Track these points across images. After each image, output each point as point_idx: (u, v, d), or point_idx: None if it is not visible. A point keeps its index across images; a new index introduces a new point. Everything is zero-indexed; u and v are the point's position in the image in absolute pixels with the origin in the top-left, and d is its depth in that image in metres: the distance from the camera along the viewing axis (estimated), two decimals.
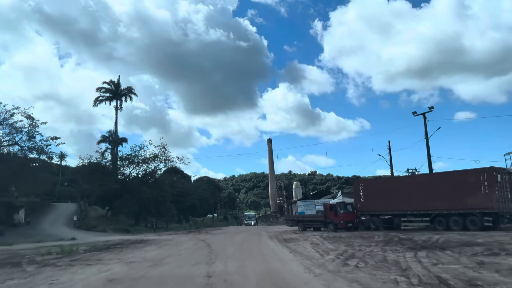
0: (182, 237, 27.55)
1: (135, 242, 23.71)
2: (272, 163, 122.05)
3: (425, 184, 27.46)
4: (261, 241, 20.29)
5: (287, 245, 16.95)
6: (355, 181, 32.26)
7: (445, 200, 26.20)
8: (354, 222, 30.33)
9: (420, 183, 27.78)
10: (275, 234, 27.53)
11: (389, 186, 29.61)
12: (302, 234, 27.12)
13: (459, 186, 25.60)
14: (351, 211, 30.42)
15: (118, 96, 65.42)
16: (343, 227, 29.58)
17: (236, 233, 32.61)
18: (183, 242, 21.40)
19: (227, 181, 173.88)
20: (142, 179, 54.16)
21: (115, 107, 65.13)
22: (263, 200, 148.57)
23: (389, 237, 20.07)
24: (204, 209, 74.78)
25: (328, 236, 23.01)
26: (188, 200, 63.42)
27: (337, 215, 29.79)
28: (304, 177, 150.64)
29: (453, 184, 25.93)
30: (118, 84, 65.50)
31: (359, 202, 31.42)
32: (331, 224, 30.25)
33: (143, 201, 49.80)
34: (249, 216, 75.26)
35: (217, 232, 35.55)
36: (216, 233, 32.00)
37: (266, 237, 24.11)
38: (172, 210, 53.20)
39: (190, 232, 39.61)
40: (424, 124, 32.03)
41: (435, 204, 26.72)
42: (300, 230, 32.88)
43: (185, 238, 25.33)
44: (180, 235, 30.76)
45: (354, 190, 32.10)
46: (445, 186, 26.26)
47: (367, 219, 31.48)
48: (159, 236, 30.85)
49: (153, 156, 53.97)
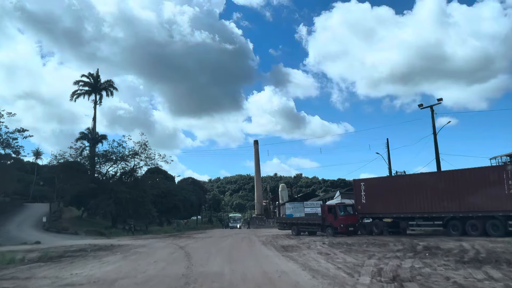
0: (159, 242, 23.20)
1: (101, 248, 19.33)
2: (258, 165, 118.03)
3: (438, 183, 23.79)
4: (255, 249, 16.18)
5: (291, 256, 12.91)
6: (355, 181, 28.47)
7: (460, 202, 22.60)
8: (355, 226, 26.48)
9: (432, 182, 24.08)
10: (267, 239, 23.47)
11: (395, 185, 25.85)
12: (299, 239, 23.09)
13: (478, 185, 22.03)
14: (352, 213, 26.58)
15: (98, 90, 60.53)
16: (343, 232, 25.70)
17: (222, 237, 28.40)
18: (158, 249, 17.11)
19: (212, 183, 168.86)
20: (120, 178, 49.35)
21: (94, 101, 60.29)
22: (249, 202, 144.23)
23: (410, 245, 16.21)
24: (188, 211, 70.02)
25: (332, 243, 19.06)
26: (170, 201, 58.70)
27: (336, 218, 25.89)
28: (289, 180, 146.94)
29: (471, 183, 22.35)
30: (98, 77, 60.58)
31: (360, 203, 27.62)
32: (329, 227, 26.34)
33: (121, 201, 45.02)
34: (234, 218, 70.84)
35: (200, 236, 31.25)
36: (199, 238, 27.75)
37: (258, 243, 20.05)
38: (152, 211, 48.41)
39: (171, 235, 35.24)
40: (432, 118, 28.54)
41: (449, 206, 23.09)
42: (294, 235, 28.87)
43: (161, 244, 21.01)
44: (158, 240, 26.40)
45: (355, 190, 28.28)
46: (461, 186, 22.66)
47: (369, 223, 27.68)
48: (134, 241, 26.43)
49: (133, 153, 49.26)
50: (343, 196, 30.29)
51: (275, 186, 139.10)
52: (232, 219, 72.08)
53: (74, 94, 60.13)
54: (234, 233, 34.91)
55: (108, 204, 45.60)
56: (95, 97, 60.14)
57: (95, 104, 60.32)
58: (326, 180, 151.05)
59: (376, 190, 26.94)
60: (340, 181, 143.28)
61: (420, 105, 29.35)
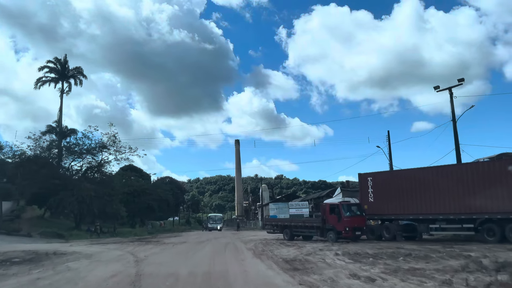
0: (116, 250, 17.23)
1: (30, 259, 13.35)
2: (239, 165, 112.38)
3: (469, 177, 18.75)
4: (247, 267, 10.48)
5: (312, 284, 7.35)
6: (361, 175, 23.21)
7: (498, 200, 17.61)
8: (362, 230, 21.21)
9: (461, 176, 19.00)
10: (257, 246, 17.91)
11: (411, 180, 20.68)
12: (298, 246, 17.59)
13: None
14: (359, 214, 21.28)
15: (65, 77, 53.71)
16: (348, 236, 20.40)
17: (199, 243, 22.62)
18: (100, 265, 11.22)
19: (191, 184, 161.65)
20: (84, 174, 42.80)
21: (61, 90, 53.39)
22: (229, 203, 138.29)
23: (471, 260, 10.91)
24: (164, 211, 63.50)
25: (348, 253, 13.70)
26: (144, 201, 52.24)
27: (341, 220, 20.54)
28: (270, 181, 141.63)
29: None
30: (65, 63, 53.75)
31: (367, 202, 22.43)
32: (331, 231, 20.96)
33: (84, 200, 38.54)
34: (214, 219, 63.13)
35: (173, 241, 25.33)
36: (170, 244, 21.88)
37: (247, 253, 14.49)
38: (121, 211, 42.00)
39: (139, 239, 29.23)
40: (451, 102, 23.60)
41: (482, 205, 18.06)
42: (287, 239, 23.40)
43: (115, 254, 15.09)
44: (118, 246, 20.38)
45: (360, 186, 23.02)
46: (500, 180, 17.68)
47: (378, 225, 22.49)
48: (87, 247, 20.40)
49: (101, 146, 42.83)
50: (345, 194, 25.05)
51: (255, 187, 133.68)
52: (211, 219, 63.67)
53: (38, 82, 53.18)
54: (213, 237, 29.09)
55: (70, 203, 39.04)
56: (62, 85, 53.36)
57: (62, 93, 53.50)
58: (307, 181, 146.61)
59: (387, 186, 21.75)
60: (321, 182, 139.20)
61: (436, 87, 24.44)
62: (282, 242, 19.99)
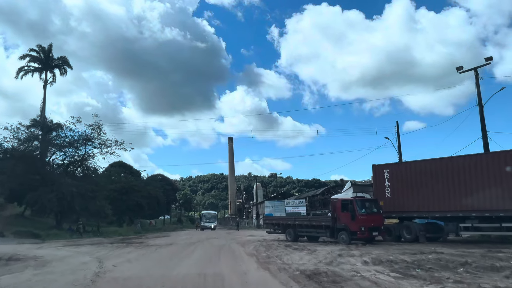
0: (83, 255, 13.62)
1: None
2: (232, 162, 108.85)
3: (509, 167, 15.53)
4: (253, 285, 7.09)
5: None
6: (376, 167, 19.88)
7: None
8: (380, 230, 17.88)
9: (498, 166, 15.77)
10: (259, 250, 14.49)
11: (438, 172, 17.41)
12: (307, 249, 14.19)
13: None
14: (376, 212, 17.94)
15: (49, 67, 49.62)
16: (364, 238, 17.08)
17: (188, 245, 19.11)
18: (40, 284, 7.71)
19: (184, 182, 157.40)
20: (66, 168, 38.95)
21: (44, 80, 49.32)
22: (222, 202, 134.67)
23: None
24: (154, 209, 59.57)
25: (377, 259, 10.35)
26: (132, 198, 48.37)
27: (355, 218, 17.19)
28: (264, 179, 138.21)
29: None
30: (49, 51, 49.67)
31: (383, 198, 19.13)
32: (344, 231, 17.61)
33: (65, 196, 34.76)
34: (208, 217, 57.98)
35: (159, 242, 21.75)
36: (154, 245, 18.36)
37: (250, 261, 11.09)
38: (105, 209, 38.19)
39: (122, 240, 25.66)
40: (476, 83, 20.37)
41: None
42: (290, 240, 20.04)
43: (78, 261, 11.52)
44: (91, 249, 16.79)
45: (375, 180, 19.70)
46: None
47: (396, 225, 19.20)
48: (56, 250, 16.85)
49: (85, 139, 39.03)
50: (356, 189, 21.68)
51: (249, 185, 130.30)
52: (204, 217, 58.24)
53: (20, 71, 49.05)
54: (206, 238, 25.54)
55: (49, 200, 35.19)
56: (45, 76, 49.27)
57: (45, 84, 49.42)
58: (300, 180, 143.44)
59: (408, 179, 18.46)
60: (315, 181, 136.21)
61: (459, 68, 21.25)
62: (289, 245, 16.55)
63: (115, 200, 46.83)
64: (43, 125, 43.62)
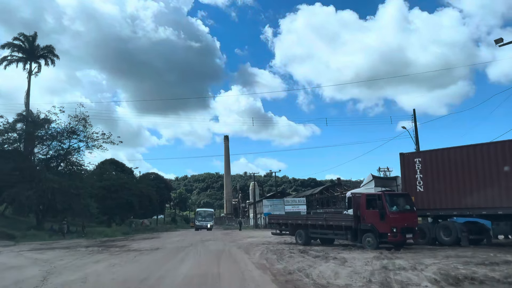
0: (36, 266, 9.90)
1: None
2: (228, 161, 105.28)
3: None
4: None
5: None
6: (405, 156, 16.26)
7: None
8: (414, 231, 14.30)
9: None
10: (266, 257, 10.84)
11: (485, 160, 13.88)
12: (332, 257, 10.55)
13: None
14: (409, 209, 14.36)
15: (34, 57, 45.63)
16: (395, 241, 13.53)
17: (177, 250, 15.35)
18: None
19: (179, 181, 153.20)
20: (47, 163, 35.02)
21: (29, 71, 45.31)
22: (217, 201, 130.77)
23: None
24: (146, 208, 55.70)
25: (448, 274, 6.77)
26: (121, 196, 44.46)
27: (384, 217, 13.61)
28: (260, 179, 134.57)
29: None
30: (34, 41, 45.66)
31: (414, 192, 15.58)
32: (370, 233, 14.01)
33: (45, 193, 30.88)
34: (203, 215, 50.93)
35: (144, 245, 17.94)
36: (136, 251, 14.64)
37: (261, 276, 7.49)
38: (91, 207, 34.29)
39: (104, 242, 21.86)
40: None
41: None
42: (301, 243, 16.43)
43: (15, 277, 7.84)
44: (58, 254, 13.03)
45: (404, 171, 16.11)
46: None
47: (430, 224, 15.66)
48: (11, 257, 13.04)
49: (69, 131, 35.18)
50: (378, 183, 18.05)
51: (244, 184, 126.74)
52: (200, 215, 51.12)
53: (3, 61, 44.93)
54: (200, 240, 21.73)
55: (28, 197, 31.28)
56: (30, 66, 45.28)
57: (30, 75, 45.43)
58: (296, 179, 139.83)
59: (446, 169, 14.90)
60: (311, 180, 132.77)
61: (498, 40, 17.82)
62: (304, 251, 12.85)
63: (103, 198, 42.98)
64: (26, 117, 39.57)
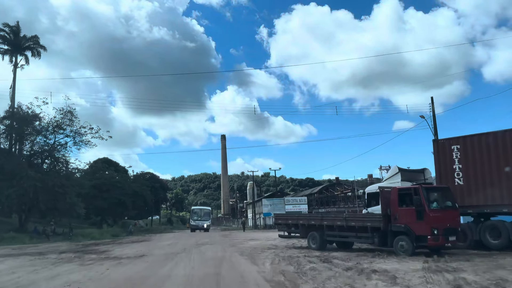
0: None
1: None
2: (225, 161, 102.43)
3: None
4: None
5: None
6: (439, 142, 13.46)
7: None
8: (458, 232, 11.52)
9: None
10: (282, 269, 8.05)
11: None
12: (375, 272, 7.68)
13: None
14: (451, 206, 11.57)
15: (20, 49, 42.53)
16: (437, 245, 10.77)
17: (166, 258, 12.43)
18: None
19: (175, 182, 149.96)
20: (29, 159, 32.02)
21: (14, 64, 42.20)
22: (214, 202, 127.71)
23: None
24: (140, 208, 52.64)
25: None
26: (113, 195, 41.39)
27: (423, 216, 10.82)
28: (257, 179, 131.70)
29: None
30: (18, 32, 42.54)
31: (452, 186, 12.76)
32: (403, 236, 11.21)
33: (27, 192, 27.91)
34: (199, 214, 45.62)
35: (128, 251, 15.00)
36: (115, 258, 11.80)
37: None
38: (78, 207, 31.24)
39: (86, 246, 18.91)
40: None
41: None
42: (314, 247, 13.60)
43: None
44: (18, 263, 10.15)
45: (439, 161, 13.28)
46: None
47: (473, 224, 12.86)
48: None
49: (54, 126, 32.27)
50: (404, 176, 15.37)
51: (241, 184, 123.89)
52: (195, 214, 45.74)
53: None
54: (195, 244, 18.74)
55: (7, 196, 28.31)
56: (15, 59, 42.19)
57: (15, 67, 42.33)
58: (294, 179, 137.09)
59: (492, 157, 12.13)
60: (309, 180, 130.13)
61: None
62: (326, 259, 10.01)
63: (94, 198, 39.97)
64: (12, 112, 36.45)
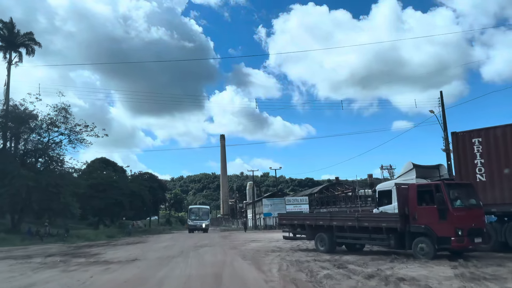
0: None
1: None
2: (224, 161, 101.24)
3: None
4: None
5: None
6: (459, 136, 12.34)
7: None
8: (483, 233, 10.40)
9: None
10: (293, 277, 6.93)
11: None
12: (400, 279, 6.54)
13: None
14: (475, 204, 10.47)
15: (14, 46, 41.31)
16: (461, 247, 9.66)
17: (160, 264, 11.27)
18: None
19: (174, 182, 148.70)
20: (22, 158, 30.85)
21: (8, 61, 40.98)
22: (213, 202, 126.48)
23: None
24: (138, 209, 51.38)
25: None
26: (110, 196, 40.18)
27: (446, 215, 9.70)
28: (256, 179, 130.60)
29: None
30: (13, 28, 41.33)
31: (473, 183, 11.64)
32: (424, 237, 10.08)
33: (19, 192, 26.74)
34: (198, 213, 43.73)
35: (120, 255, 13.83)
36: (105, 263, 10.69)
37: None
38: (72, 207, 30.03)
39: (76, 249, 17.77)
40: None
41: None
42: (322, 250, 12.47)
43: None
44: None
45: (458, 155, 12.20)
46: None
47: (498, 225, 11.76)
48: None
49: (48, 123, 31.14)
50: (419, 173, 14.26)
51: (241, 185, 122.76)
52: (193, 213, 43.85)
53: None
54: (193, 246, 17.54)
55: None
56: (9, 56, 40.98)
57: (9, 64, 41.06)
58: (293, 179, 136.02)
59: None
60: (308, 180, 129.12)
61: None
62: (341, 264, 8.87)
63: (91, 198, 38.76)
64: (6, 111, 35.24)
